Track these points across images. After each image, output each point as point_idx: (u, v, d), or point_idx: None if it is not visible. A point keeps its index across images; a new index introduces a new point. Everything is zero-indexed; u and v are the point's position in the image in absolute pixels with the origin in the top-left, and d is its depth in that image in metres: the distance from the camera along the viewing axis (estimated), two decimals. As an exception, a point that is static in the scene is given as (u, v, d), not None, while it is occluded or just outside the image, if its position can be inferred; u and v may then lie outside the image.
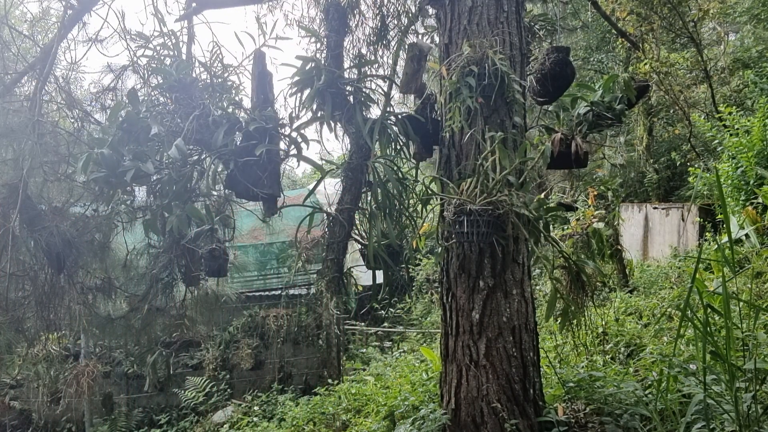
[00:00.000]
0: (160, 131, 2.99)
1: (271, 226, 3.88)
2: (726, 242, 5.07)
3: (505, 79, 3.22)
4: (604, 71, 11.63)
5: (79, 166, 2.86)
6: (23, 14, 5.40)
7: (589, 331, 5.15)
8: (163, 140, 2.96)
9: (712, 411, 2.80)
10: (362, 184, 3.47)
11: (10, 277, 3.47)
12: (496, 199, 3.02)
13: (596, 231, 5.26)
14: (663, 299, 6.77)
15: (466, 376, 3.39)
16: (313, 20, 4.41)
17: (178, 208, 3.10)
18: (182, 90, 3.20)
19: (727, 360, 2.59)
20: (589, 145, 4.10)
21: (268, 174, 3.04)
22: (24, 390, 7.38)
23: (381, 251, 3.26)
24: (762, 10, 11.59)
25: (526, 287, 3.46)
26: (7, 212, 3.32)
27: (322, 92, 3.23)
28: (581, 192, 8.32)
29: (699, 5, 8.60)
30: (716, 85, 11.21)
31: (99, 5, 4.05)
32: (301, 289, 8.39)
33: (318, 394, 5.98)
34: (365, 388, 5.37)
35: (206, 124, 3.10)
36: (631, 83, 3.93)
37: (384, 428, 4.08)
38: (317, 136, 3.47)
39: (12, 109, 3.75)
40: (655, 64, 8.52)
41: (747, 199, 7.83)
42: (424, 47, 3.57)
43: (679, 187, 13.24)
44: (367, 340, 9.78)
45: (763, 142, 7.76)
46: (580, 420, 3.43)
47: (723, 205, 3.04)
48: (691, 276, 3.44)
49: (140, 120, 3.03)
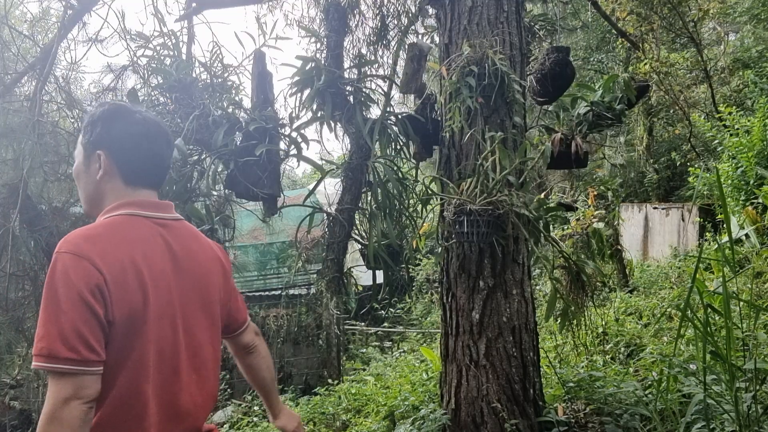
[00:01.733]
0: None
1: (271, 226, 3.88)
2: (726, 242, 5.07)
3: (505, 79, 3.22)
4: (604, 71, 11.63)
5: None
6: (23, 14, 5.40)
7: (589, 331, 5.15)
8: None
9: (712, 411, 2.80)
10: (362, 184, 3.47)
11: (10, 277, 3.47)
12: (496, 199, 3.01)
13: (596, 231, 5.26)
14: (663, 299, 6.77)
15: (466, 376, 3.39)
16: (313, 20, 4.41)
17: (178, 208, 3.10)
18: (182, 90, 3.20)
19: (727, 360, 2.59)
20: (589, 145, 4.10)
21: (268, 174, 3.04)
22: (24, 390, 7.37)
23: (381, 251, 3.25)
24: (762, 10, 11.59)
25: (526, 287, 3.46)
26: (7, 212, 3.33)
27: (322, 92, 3.23)
28: (581, 192, 8.32)
29: (699, 5, 8.60)
30: (716, 85, 11.21)
31: (99, 5, 4.05)
32: (301, 289, 8.39)
33: (318, 394, 5.97)
34: (365, 388, 5.37)
35: (206, 124, 3.10)
36: (631, 83, 3.93)
37: (384, 428, 4.08)
38: (317, 136, 3.48)
39: (12, 109, 3.75)
40: (655, 64, 8.52)
41: (747, 199, 7.83)
42: (424, 47, 3.57)
43: (679, 187, 13.24)
44: (367, 340, 9.78)
45: (763, 142, 7.77)
46: (580, 420, 3.43)
47: (723, 205, 3.04)
48: (691, 276, 3.44)
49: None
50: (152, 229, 1.44)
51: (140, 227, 1.43)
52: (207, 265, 1.53)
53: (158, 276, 1.39)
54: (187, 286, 1.46)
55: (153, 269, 1.38)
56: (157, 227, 1.46)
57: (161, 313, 1.38)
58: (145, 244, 1.40)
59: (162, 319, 1.38)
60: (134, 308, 1.33)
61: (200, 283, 1.50)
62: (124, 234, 1.39)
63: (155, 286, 1.37)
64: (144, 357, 1.34)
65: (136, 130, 1.45)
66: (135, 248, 1.37)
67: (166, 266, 1.42)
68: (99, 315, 1.27)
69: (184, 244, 1.50)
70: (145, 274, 1.36)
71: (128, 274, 1.33)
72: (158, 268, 1.40)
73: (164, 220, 1.48)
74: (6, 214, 3.33)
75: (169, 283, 1.42)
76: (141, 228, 1.43)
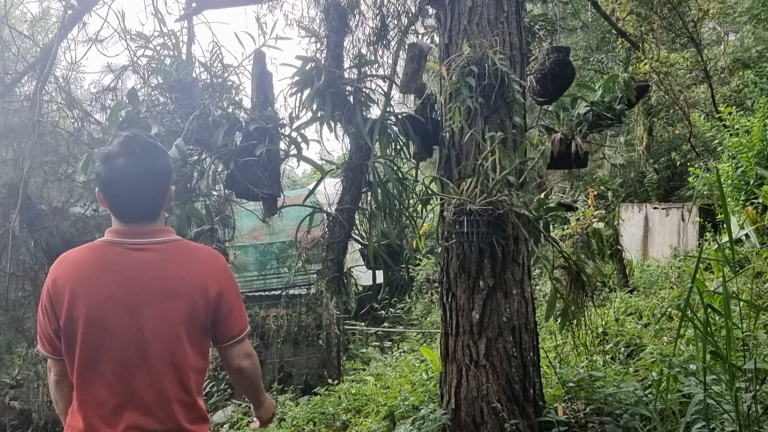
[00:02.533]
0: (160, 131, 2.99)
1: (271, 226, 3.88)
2: (726, 242, 5.07)
3: (505, 79, 3.22)
4: (604, 71, 11.62)
5: (79, 166, 2.85)
6: (23, 14, 5.40)
7: (589, 331, 5.15)
8: (164, 140, 2.95)
9: (712, 411, 2.80)
10: (362, 184, 3.46)
11: (10, 277, 3.47)
12: (496, 199, 3.01)
13: (596, 231, 5.25)
14: (663, 299, 6.77)
15: (466, 376, 3.39)
16: (313, 20, 4.41)
17: (178, 208, 3.10)
18: (182, 90, 3.20)
19: (727, 360, 2.59)
20: (589, 145, 4.10)
21: (268, 174, 3.04)
22: (24, 390, 7.36)
23: (381, 251, 3.25)
24: (762, 10, 11.59)
25: (526, 287, 3.46)
26: (7, 212, 3.33)
27: (322, 92, 3.23)
28: (581, 192, 8.32)
29: (699, 5, 8.60)
30: (716, 85, 11.20)
31: (99, 5, 4.06)
32: (301, 289, 8.39)
33: (318, 394, 5.97)
34: (365, 388, 5.37)
35: (206, 124, 3.10)
36: (631, 83, 3.93)
37: (384, 428, 4.08)
38: (317, 136, 3.47)
39: (12, 109, 3.75)
40: (655, 64, 8.52)
41: (747, 199, 7.83)
42: (424, 47, 3.57)
43: (679, 187, 13.23)
44: (367, 340, 9.78)
45: (763, 142, 7.76)
46: (580, 420, 3.43)
47: (723, 205, 3.04)
48: (691, 276, 3.44)
49: (140, 120, 3.02)
50: (120, 254, 1.76)
51: (106, 252, 1.76)
52: (175, 286, 1.77)
53: (97, 292, 1.71)
54: (136, 298, 1.74)
55: (95, 286, 1.71)
56: (129, 252, 1.76)
57: (91, 320, 1.71)
58: (99, 267, 1.74)
59: (92, 326, 1.71)
60: (68, 317, 1.71)
61: (158, 296, 1.75)
62: (85, 256, 1.76)
63: (90, 300, 1.71)
64: (79, 353, 1.73)
65: (119, 174, 1.73)
66: (84, 269, 1.73)
67: (114, 284, 1.73)
68: (48, 321, 1.75)
69: (160, 266, 1.77)
70: (79, 291, 1.70)
71: (65, 290, 1.71)
72: (101, 284, 1.72)
73: (143, 245, 1.77)
74: (6, 214, 3.33)
75: (109, 297, 1.72)
76: (106, 253, 1.76)
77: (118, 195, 1.77)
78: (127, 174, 1.74)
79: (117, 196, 1.77)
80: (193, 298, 1.78)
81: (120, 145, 1.75)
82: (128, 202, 1.78)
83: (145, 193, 1.79)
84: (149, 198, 1.80)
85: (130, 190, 1.76)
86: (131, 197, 1.78)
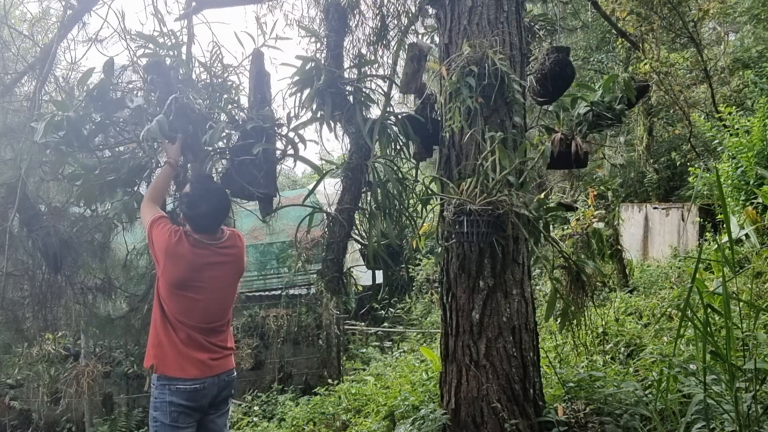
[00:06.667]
0: (141, 105, 2.96)
1: (271, 226, 3.87)
2: (726, 242, 5.06)
3: (505, 79, 3.21)
4: (604, 71, 11.62)
5: (41, 126, 2.71)
6: (23, 14, 5.40)
7: (589, 331, 5.14)
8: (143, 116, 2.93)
9: (712, 411, 2.80)
10: (362, 184, 3.45)
11: (9, 277, 3.47)
12: (496, 199, 3.01)
13: (596, 231, 5.25)
14: (663, 299, 6.77)
15: (466, 376, 3.39)
16: (313, 20, 4.40)
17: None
18: (164, 77, 3.16)
19: (727, 360, 2.59)
20: (589, 145, 4.09)
21: (264, 173, 3.03)
22: (24, 390, 7.37)
23: (381, 251, 3.25)
24: (762, 10, 11.58)
25: (526, 287, 3.46)
26: (5, 212, 3.33)
27: (321, 92, 3.22)
28: (581, 192, 8.32)
29: (699, 5, 8.60)
30: (716, 85, 11.19)
31: (99, 5, 4.05)
32: (301, 289, 8.39)
33: (318, 394, 5.97)
34: (365, 388, 5.36)
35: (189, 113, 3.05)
36: (631, 83, 3.93)
37: (384, 428, 4.08)
38: (317, 136, 3.46)
39: (12, 109, 3.75)
40: (655, 64, 8.52)
41: (747, 199, 7.82)
42: (424, 47, 3.56)
43: (679, 187, 13.23)
44: (367, 340, 9.78)
45: (763, 142, 7.76)
46: (580, 420, 3.43)
47: (723, 205, 3.04)
48: (691, 276, 3.44)
49: (112, 94, 3.00)
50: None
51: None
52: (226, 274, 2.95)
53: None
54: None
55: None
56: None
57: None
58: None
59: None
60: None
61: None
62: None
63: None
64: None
65: (196, 199, 2.79)
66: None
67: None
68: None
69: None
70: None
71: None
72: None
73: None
74: (4, 213, 3.33)
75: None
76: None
77: (202, 214, 2.86)
78: (213, 196, 2.91)
79: (200, 215, 2.86)
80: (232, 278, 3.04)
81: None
82: (209, 218, 2.88)
83: (221, 209, 2.97)
84: (222, 213, 3.00)
85: (212, 210, 2.88)
86: (214, 212, 2.91)
